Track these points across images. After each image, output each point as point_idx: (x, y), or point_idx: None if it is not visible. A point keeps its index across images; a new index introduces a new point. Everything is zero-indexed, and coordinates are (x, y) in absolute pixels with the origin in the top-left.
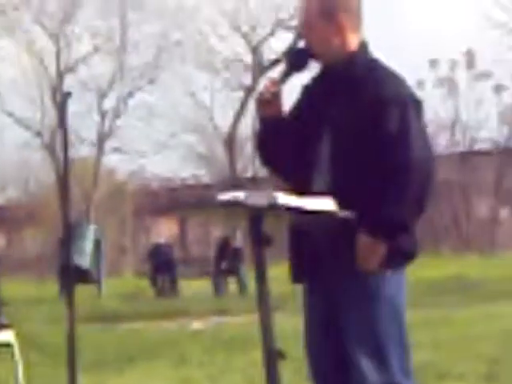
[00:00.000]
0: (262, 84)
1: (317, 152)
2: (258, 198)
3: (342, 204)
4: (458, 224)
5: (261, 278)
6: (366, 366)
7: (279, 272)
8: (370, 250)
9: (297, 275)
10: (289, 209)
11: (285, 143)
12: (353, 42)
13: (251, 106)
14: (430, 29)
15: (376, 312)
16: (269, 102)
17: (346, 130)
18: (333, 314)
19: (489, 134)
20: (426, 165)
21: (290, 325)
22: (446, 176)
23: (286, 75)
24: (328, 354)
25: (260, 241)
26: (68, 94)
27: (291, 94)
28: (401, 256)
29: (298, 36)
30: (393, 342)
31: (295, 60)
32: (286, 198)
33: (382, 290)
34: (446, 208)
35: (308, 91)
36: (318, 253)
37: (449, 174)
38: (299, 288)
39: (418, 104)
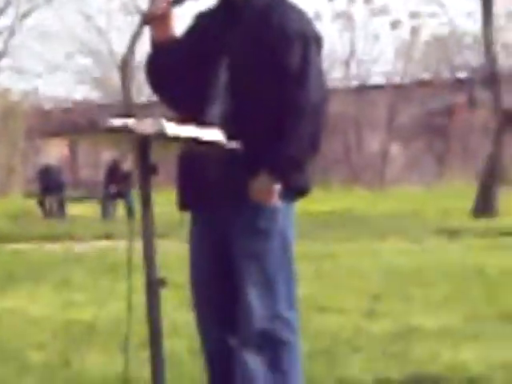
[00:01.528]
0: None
1: (212, 81)
2: (147, 126)
3: (235, 135)
4: (348, 157)
5: (145, 205)
6: (254, 298)
7: (168, 199)
8: (267, 188)
9: (183, 203)
10: (177, 138)
11: (175, 67)
12: None
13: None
14: None
15: (267, 245)
16: (159, 22)
17: (246, 61)
18: (221, 244)
19: (384, 68)
20: (321, 106)
21: (177, 252)
22: (340, 109)
23: None
24: (214, 283)
25: (146, 168)
26: None
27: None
28: (294, 192)
29: None
30: (282, 276)
31: None
32: (174, 127)
33: (273, 224)
34: (337, 141)
35: (203, 19)
36: (205, 182)
37: (342, 107)
38: (188, 216)
39: (319, 40)
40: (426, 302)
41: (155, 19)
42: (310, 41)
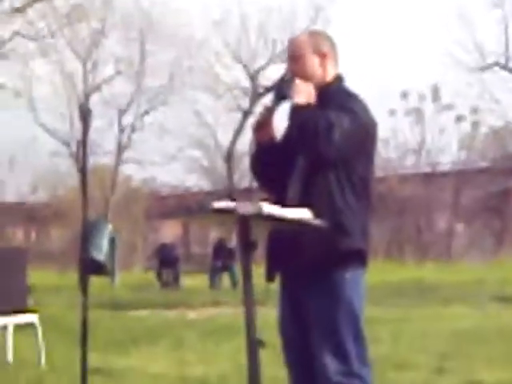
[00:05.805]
0: (258, 110)
1: (292, 168)
2: (247, 208)
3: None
4: (419, 235)
5: (246, 277)
6: (329, 359)
7: None
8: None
9: (269, 275)
10: (271, 217)
11: (273, 165)
12: (330, 74)
13: (248, 126)
14: (401, 62)
15: (336, 312)
16: (261, 128)
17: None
18: (298, 310)
19: (449, 157)
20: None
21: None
22: (412, 193)
23: (275, 104)
24: (294, 345)
25: (247, 244)
26: (89, 110)
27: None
28: (356, 256)
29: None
30: (351, 338)
31: (281, 90)
32: (269, 208)
33: (342, 292)
34: (410, 220)
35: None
36: (286, 254)
37: (414, 191)
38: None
39: (368, 123)
40: (488, 359)
41: (259, 126)
42: (353, 114)
